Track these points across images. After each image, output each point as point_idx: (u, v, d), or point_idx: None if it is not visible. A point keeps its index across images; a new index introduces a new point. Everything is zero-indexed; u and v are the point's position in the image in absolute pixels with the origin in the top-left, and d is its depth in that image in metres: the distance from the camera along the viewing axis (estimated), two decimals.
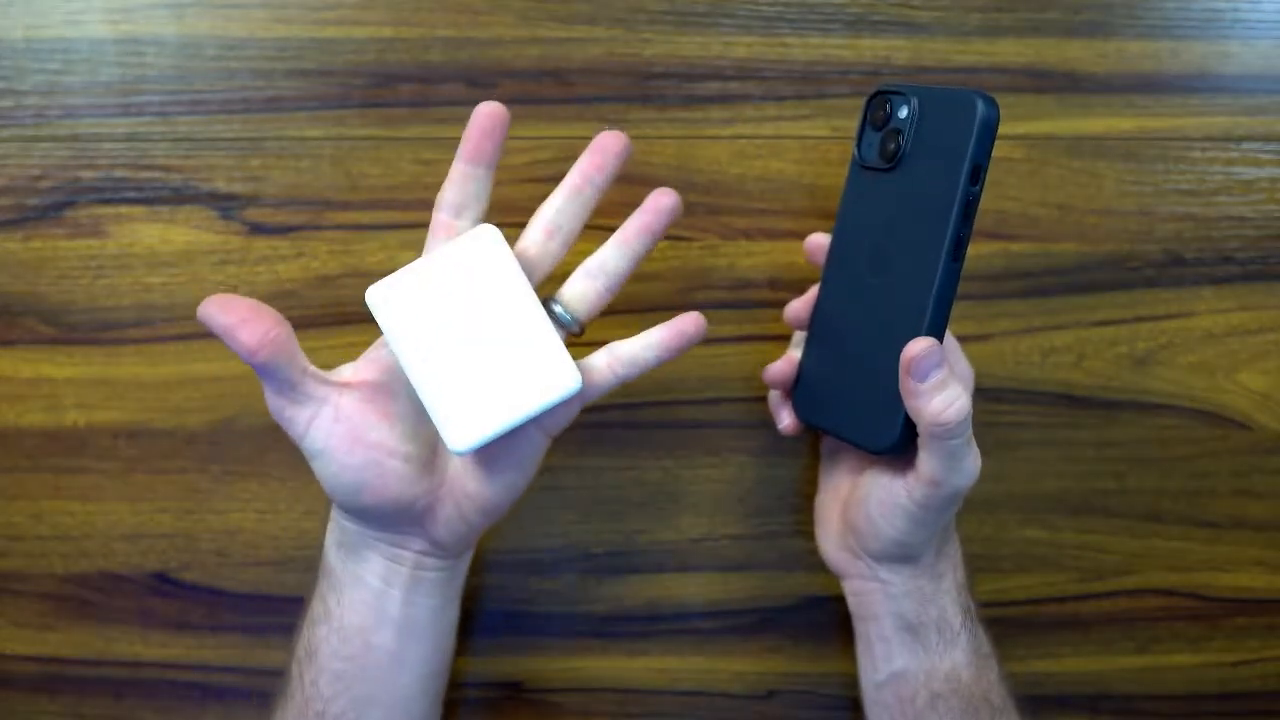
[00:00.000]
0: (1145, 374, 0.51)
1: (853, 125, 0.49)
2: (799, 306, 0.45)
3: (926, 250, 0.39)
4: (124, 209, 0.49)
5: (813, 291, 0.44)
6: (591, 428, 0.50)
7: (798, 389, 0.45)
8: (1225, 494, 0.51)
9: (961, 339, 0.50)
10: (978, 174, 0.39)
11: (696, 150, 0.49)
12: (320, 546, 0.44)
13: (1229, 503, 0.51)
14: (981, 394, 0.51)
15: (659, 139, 0.49)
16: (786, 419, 0.45)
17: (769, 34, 0.49)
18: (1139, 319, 0.51)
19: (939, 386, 0.38)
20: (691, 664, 0.52)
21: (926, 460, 0.39)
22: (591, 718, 0.52)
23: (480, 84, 0.49)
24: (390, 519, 0.41)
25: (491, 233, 0.40)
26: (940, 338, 0.39)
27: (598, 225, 0.50)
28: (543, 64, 0.49)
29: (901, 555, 0.43)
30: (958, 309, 0.50)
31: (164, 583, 0.51)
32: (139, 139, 0.49)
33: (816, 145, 0.50)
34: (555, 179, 0.49)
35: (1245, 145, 0.50)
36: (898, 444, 0.41)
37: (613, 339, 0.46)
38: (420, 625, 0.44)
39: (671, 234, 0.50)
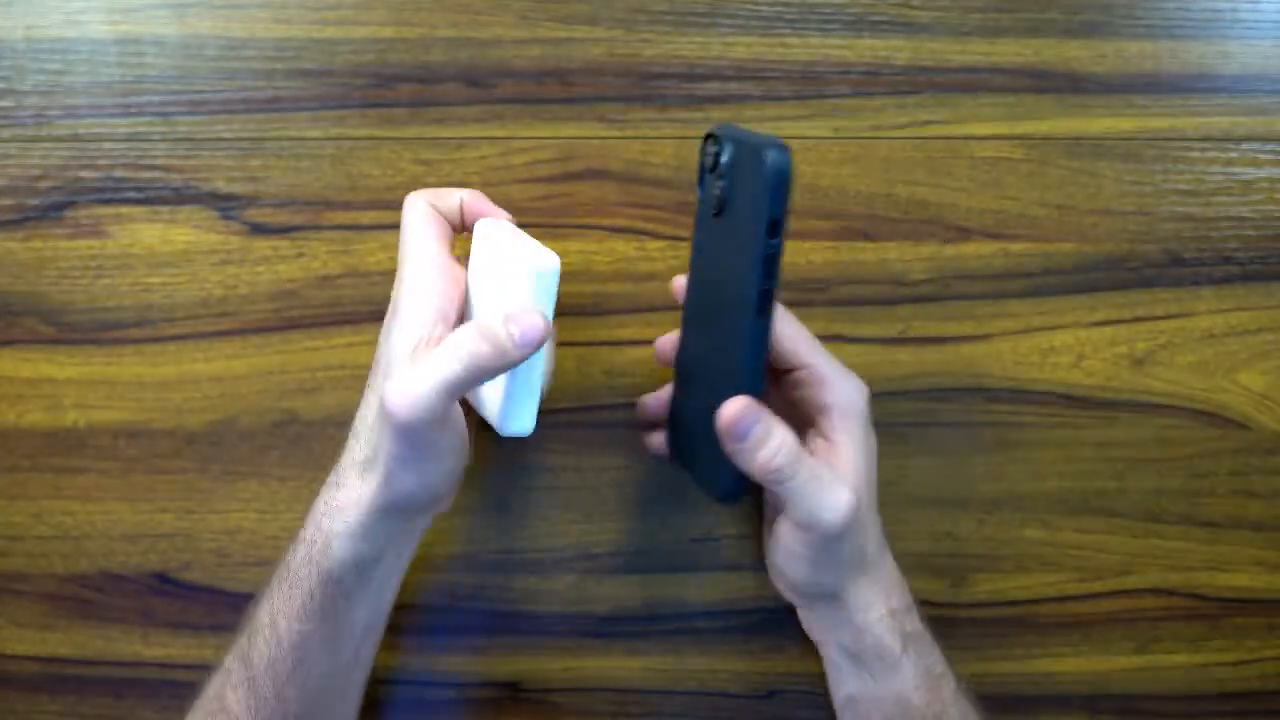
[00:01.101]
0: (1144, 374, 0.51)
1: (853, 125, 0.50)
2: (665, 344, 0.45)
3: (738, 305, 0.39)
4: (124, 209, 0.49)
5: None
6: (592, 427, 0.50)
7: (669, 424, 0.45)
8: (1224, 494, 0.51)
9: (961, 339, 0.50)
10: (775, 227, 0.37)
11: (696, 150, 0.49)
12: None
13: (1228, 503, 0.52)
14: (981, 394, 0.51)
15: (659, 139, 0.49)
16: (654, 442, 0.46)
17: (769, 34, 0.49)
18: (1138, 319, 0.51)
19: (760, 441, 0.38)
20: (691, 664, 0.52)
21: (788, 506, 0.40)
22: (591, 718, 0.52)
23: (480, 84, 0.49)
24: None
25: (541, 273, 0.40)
26: (758, 389, 0.39)
27: (597, 225, 0.50)
28: (543, 64, 0.49)
29: (819, 593, 0.43)
30: (957, 308, 0.50)
31: (164, 583, 0.51)
32: (139, 139, 0.49)
33: (816, 145, 0.50)
34: (555, 179, 0.50)
35: (1244, 145, 0.50)
36: (731, 493, 0.41)
37: (613, 339, 0.47)
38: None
39: (671, 234, 0.50)
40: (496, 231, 0.42)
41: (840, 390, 0.42)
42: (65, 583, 0.51)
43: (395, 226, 0.49)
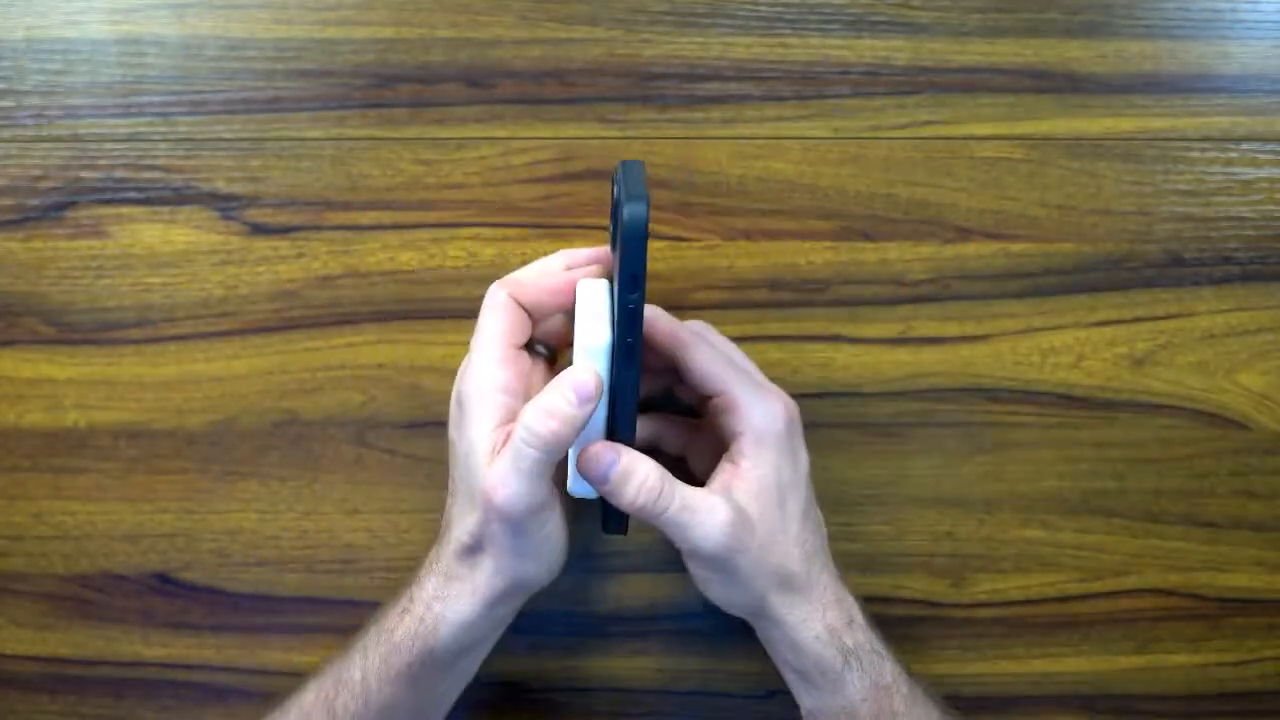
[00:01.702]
0: (1144, 374, 0.51)
1: (853, 125, 0.50)
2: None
3: (613, 349, 0.39)
4: (125, 209, 0.49)
5: None
6: None
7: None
8: (1224, 494, 0.51)
9: (961, 339, 0.50)
10: (634, 282, 0.36)
11: (696, 150, 0.49)
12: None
13: (1228, 503, 0.52)
14: (981, 394, 0.51)
15: (659, 139, 0.49)
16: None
17: (769, 34, 0.49)
18: (1138, 319, 0.51)
19: (622, 479, 0.39)
20: (691, 664, 0.52)
21: (671, 538, 0.41)
22: (591, 718, 0.52)
23: (480, 84, 0.49)
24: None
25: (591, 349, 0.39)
26: (624, 435, 0.39)
27: (597, 225, 0.50)
28: (543, 64, 0.49)
29: (745, 612, 0.44)
30: (957, 308, 0.50)
31: (164, 583, 0.51)
32: (140, 139, 0.49)
33: (816, 145, 0.50)
34: (555, 179, 0.50)
35: (1244, 145, 0.50)
36: (613, 528, 0.41)
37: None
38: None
39: (672, 234, 0.50)
40: (585, 291, 0.41)
41: (751, 416, 0.42)
42: (65, 583, 0.51)
43: (395, 226, 0.50)
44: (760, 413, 0.42)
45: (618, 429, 0.40)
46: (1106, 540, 0.52)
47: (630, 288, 0.36)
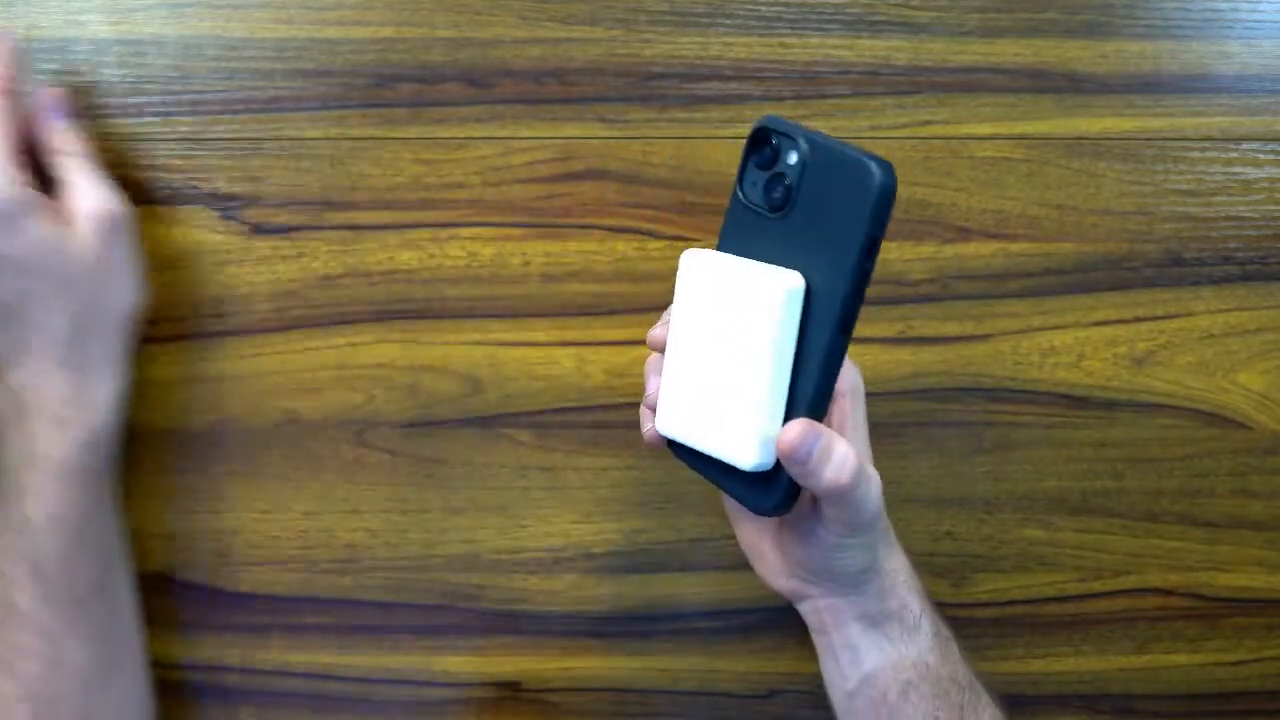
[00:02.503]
0: (1144, 374, 0.51)
1: (853, 125, 0.50)
2: (659, 334, 0.42)
3: (813, 317, 0.36)
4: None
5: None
6: (591, 428, 0.50)
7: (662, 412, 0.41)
8: (1224, 494, 0.51)
9: (961, 339, 0.50)
10: (873, 248, 0.35)
11: (696, 150, 0.49)
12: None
13: (1228, 502, 0.52)
14: (981, 394, 0.51)
15: (659, 139, 0.49)
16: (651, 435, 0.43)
17: (769, 34, 0.49)
18: (1138, 319, 0.51)
19: (823, 459, 0.37)
20: (692, 664, 0.52)
21: (841, 509, 0.39)
22: (591, 718, 0.52)
23: (480, 84, 0.49)
24: None
25: (790, 292, 0.36)
26: (822, 414, 0.37)
27: (597, 225, 0.50)
28: (543, 64, 0.49)
29: (863, 573, 0.43)
30: (957, 308, 0.50)
31: (164, 583, 0.51)
32: (139, 139, 0.49)
33: None
34: (555, 179, 0.50)
35: (1244, 145, 0.50)
36: (783, 507, 0.39)
37: (613, 339, 0.47)
38: None
39: (672, 234, 0.50)
40: (696, 261, 0.39)
41: (845, 377, 0.42)
42: None
43: (395, 226, 0.50)
44: (851, 370, 0.43)
45: (814, 403, 0.37)
46: (1106, 540, 0.52)
47: (870, 253, 0.35)
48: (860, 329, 0.50)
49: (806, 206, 0.36)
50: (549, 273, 0.50)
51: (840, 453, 0.37)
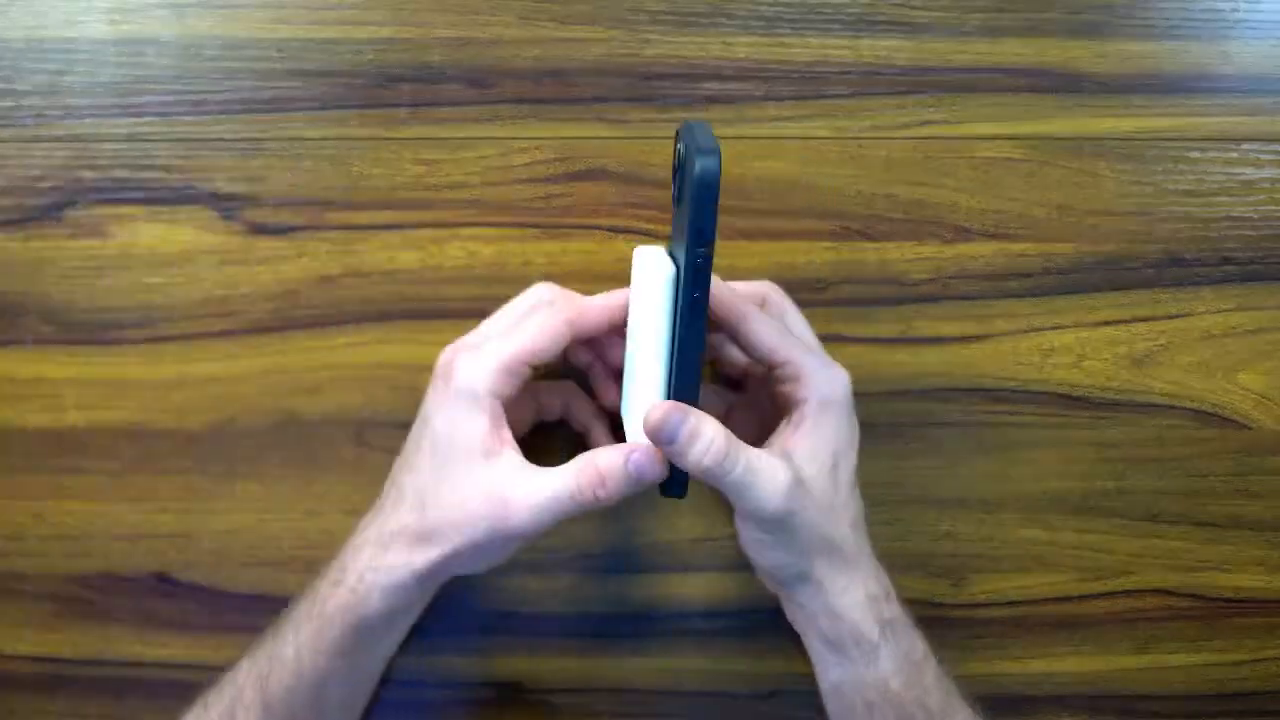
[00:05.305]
0: (1144, 374, 0.51)
1: (853, 125, 0.50)
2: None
3: (676, 307, 0.39)
4: (125, 209, 0.49)
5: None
6: None
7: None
8: (1224, 494, 0.51)
9: (961, 339, 0.50)
10: (700, 236, 0.36)
11: None
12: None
13: (1228, 502, 0.52)
14: (981, 394, 0.51)
15: (659, 139, 0.49)
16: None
17: (769, 34, 0.49)
18: (1138, 319, 0.51)
19: (689, 440, 0.38)
20: (692, 664, 0.52)
21: (731, 498, 0.40)
22: (591, 718, 0.52)
23: (480, 84, 0.49)
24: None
25: (662, 279, 0.39)
26: (689, 396, 0.39)
27: (597, 225, 0.50)
28: (543, 64, 0.49)
29: (789, 576, 0.43)
30: (957, 308, 0.50)
31: (164, 583, 0.51)
32: (139, 139, 0.49)
33: (816, 145, 0.50)
34: (555, 179, 0.50)
35: (1245, 146, 0.50)
36: (674, 490, 0.40)
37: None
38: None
39: None
40: (644, 257, 0.41)
41: (817, 383, 0.42)
42: (66, 583, 0.51)
43: (395, 226, 0.50)
44: (825, 379, 0.43)
45: (682, 388, 0.39)
46: (1106, 540, 0.52)
47: (698, 241, 0.36)
48: (860, 329, 0.50)
49: (685, 198, 0.38)
50: (549, 273, 0.50)
51: (708, 435, 0.38)
